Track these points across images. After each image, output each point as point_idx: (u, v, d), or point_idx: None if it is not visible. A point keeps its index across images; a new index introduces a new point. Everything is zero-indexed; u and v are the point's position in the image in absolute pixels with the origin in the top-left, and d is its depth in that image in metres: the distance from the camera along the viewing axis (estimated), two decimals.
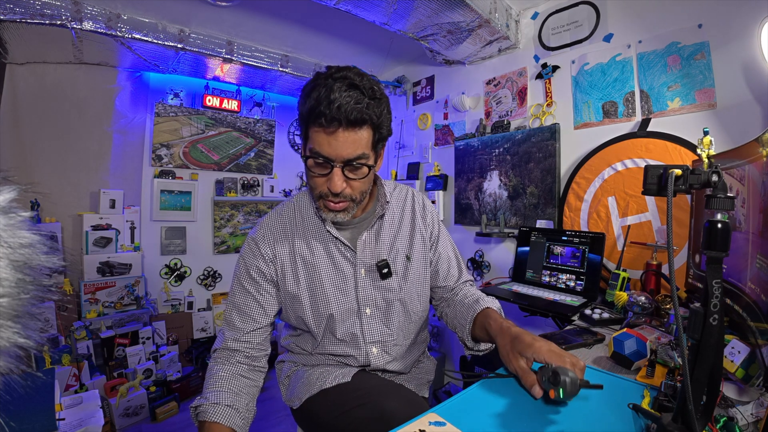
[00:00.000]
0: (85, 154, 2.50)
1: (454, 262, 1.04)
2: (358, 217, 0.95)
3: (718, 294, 0.49)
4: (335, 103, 0.73)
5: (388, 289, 0.95)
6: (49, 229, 2.26)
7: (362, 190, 0.86)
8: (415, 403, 0.81)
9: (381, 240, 0.96)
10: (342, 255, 0.94)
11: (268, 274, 0.93)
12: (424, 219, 1.03)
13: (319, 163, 0.80)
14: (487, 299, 0.92)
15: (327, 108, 0.73)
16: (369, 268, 0.94)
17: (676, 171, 0.55)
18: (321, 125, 0.75)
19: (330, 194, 0.82)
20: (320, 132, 0.77)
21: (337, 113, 0.73)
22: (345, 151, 0.77)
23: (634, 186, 1.62)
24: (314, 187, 0.85)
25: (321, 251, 0.93)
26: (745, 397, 0.65)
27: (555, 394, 0.59)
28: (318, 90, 0.75)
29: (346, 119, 0.74)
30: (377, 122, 0.80)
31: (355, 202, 0.86)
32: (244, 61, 2.49)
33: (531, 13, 2.04)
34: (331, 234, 0.93)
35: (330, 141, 0.76)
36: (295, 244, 0.94)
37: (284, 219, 0.97)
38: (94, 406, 1.38)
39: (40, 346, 0.30)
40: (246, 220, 3.16)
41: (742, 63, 1.34)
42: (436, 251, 1.03)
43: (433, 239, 1.04)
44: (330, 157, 0.78)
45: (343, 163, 0.79)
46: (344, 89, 0.74)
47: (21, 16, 1.79)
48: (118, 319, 2.42)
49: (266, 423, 2.14)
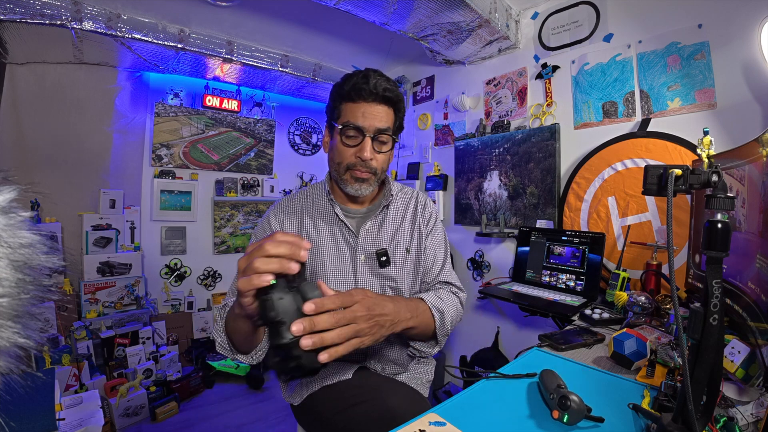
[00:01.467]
0: (85, 154, 2.50)
1: (439, 259, 1.05)
2: (365, 208, 1.03)
3: (718, 294, 0.49)
4: (372, 81, 0.89)
5: (386, 277, 0.99)
6: (49, 229, 2.26)
7: (383, 167, 0.97)
8: (416, 400, 0.81)
9: (383, 230, 1.01)
10: (344, 239, 0.99)
11: None
12: (423, 216, 1.07)
13: (350, 135, 0.91)
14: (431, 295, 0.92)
15: (366, 84, 0.89)
16: (369, 255, 0.98)
17: (676, 171, 0.55)
18: (361, 98, 0.90)
19: (359, 162, 0.92)
20: (358, 105, 0.90)
21: (374, 88, 0.89)
22: (377, 121, 0.90)
23: (634, 186, 1.62)
24: (343, 160, 0.94)
25: (326, 232, 0.99)
26: (745, 397, 0.65)
27: (559, 416, 0.60)
28: (356, 76, 0.90)
29: (381, 95, 0.89)
30: (398, 106, 0.94)
31: (376, 176, 0.96)
32: (244, 61, 2.49)
33: (531, 13, 2.04)
34: (338, 217, 0.99)
35: (365, 113, 0.90)
36: (304, 222, 1.01)
37: (295, 201, 1.05)
38: (94, 406, 1.38)
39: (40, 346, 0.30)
40: (246, 220, 3.16)
41: (742, 63, 1.34)
42: (423, 245, 1.05)
43: (425, 235, 1.06)
44: (364, 126, 0.90)
45: (374, 133, 0.90)
46: (378, 75, 0.90)
47: (21, 16, 1.79)
48: (118, 319, 2.42)
49: (266, 423, 2.14)
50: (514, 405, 0.67)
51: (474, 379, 0.77)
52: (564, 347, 0.94)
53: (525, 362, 0.87)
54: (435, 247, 1.05)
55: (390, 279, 0.99)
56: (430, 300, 0.89)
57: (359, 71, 0.92)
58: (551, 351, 0.94)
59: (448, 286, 1.02)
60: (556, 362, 0.87)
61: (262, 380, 2.56)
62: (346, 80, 0.92)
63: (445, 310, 0.90)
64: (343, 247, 0.99)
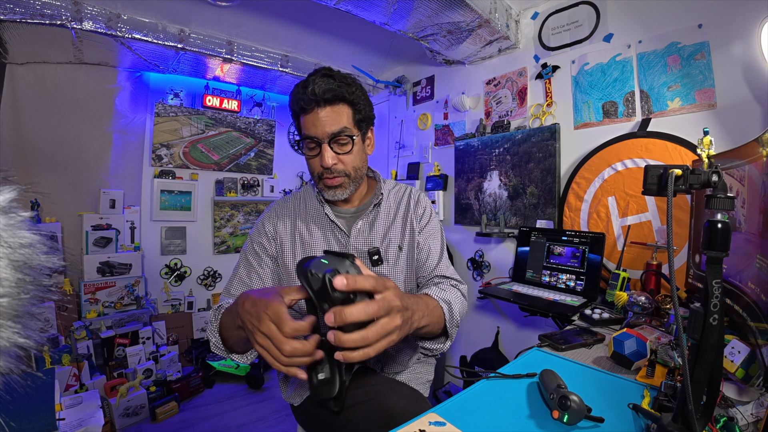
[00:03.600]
0: (85, 154, 2.50)
1: (434, 253, 1.02)
2: (355, 207, 1.03)
3: (718, 294, 0.49)
4: (310, 87, 0.85)
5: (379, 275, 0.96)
6: (49, 229, 2.26)
7: (354, 166, 0.94)
8: (416, 400, 0.81)
9: (375, 229, 1.01)
10: (336, 239, 0.99)
11: (269, 249, 1.00)
12: (415, 212, 1.05)
13: (311, 147, 0.91)
14: (433, 289, 0.88)
15: (304, 94, 0.86)
16: (361, 254, 0.98)
17: (676, 171, 0.55)
18: (303, 110, 0.88)
19: (325, 171, 0.91)
20: (305, 116, 0.89)
21: (312, 95, 0.85)
22: (327, 126, 0.87)
23: (634, 186, 1.61)
24: (312, 171, 0.94)
25: (318, 234, 1.00)
26: (745, 397, 0.65)
27: (559, 416, 0.60)
28: (298, 87, 0.88)
29: (321, 98, 0.85)
30: (351, 99, 0.89)
31: (350, 179, 0.94)
32: (244, 61, 2.49)
33: (531, 13, 2.04)
34: (328, 218, 0.99)
35: (313, 121, 0.88)
36: (296, 225, 1.01)
37: (289, 204, 1.06)
38: (94, 406, 1.38)
39: (40, 346, 0.30)
40: (246, 220, 3.16)
41: (742, 63, 1.34)
42: (416, 240, 1.03)
43: (419, 230, 1.04)
44: (316, 135, 0.88)
45: (329, 138, 0.88)
46: (317, 79, 0.86)
47: (21, 16, 1.79)
48: (118, 319, 2.42)
49: (266, 423, 2.14)
50: (514, 405, 0.67)
51: (474, 379, 0.77)
52: (564, 347, 0.94)
53: (525, 362, 0.87)
54: (429, 240, 1.03)
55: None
56: (435, 293, 0.86)
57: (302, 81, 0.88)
58: (551, 351, 0.94)
59: (446, 280, 0.99)
60: (556, 362, 0.87)
61: (262, 380, 2.56)
62: (293, 95, 0.90)
63: (451, 300, 0.87)
64: (335, 248, 0.98)
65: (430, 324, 0.79)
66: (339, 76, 0.88)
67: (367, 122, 0.96)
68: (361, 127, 0.94)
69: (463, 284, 1.02)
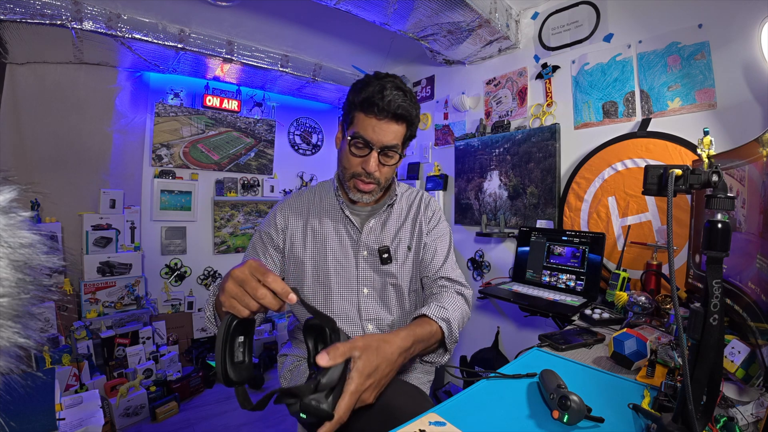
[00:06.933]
0: (85, 154, 2.50)
1: (440, 254, 1.04)
2: (370, 207, 1.05)
3: (718, 294, 0.49)
4: (387, 98, 0.87)
5: (387, 273, 1.01)
6: (49, 229, 2.25)
7: (387, 177, 0.98)
8: (418, 397, 0.81)
9: (386, 229, 1.04)
10: (348, 235, 1.02)
11: (276, 240, 1.03)
12: (425, 215, 1.09)
13: (359, 146, 0.92)
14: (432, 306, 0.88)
15: (380, 100, 0.87)
16: (371, 251, 1.01)
17: (676, 171, 0.55)
18: (373, 113, 0.89)
19: (363, 174, 0.94)
20: (369, 119, 0.90)
21: (387, 106, 0.87)
22: (386, 138, 0.90)
23: (634, 186, 1.61)
24: (349, 167, 0.96)
25: (331, 228, 1.03)
26: (745, 397, 0.65)
27: (559, 416, 0.60)
28: (372, 86, 0.89)
29: (393, 113, 0.88)
30: (412, 121, 0.93)
31: (379, 186, 0.98)
32: (244, 61, 2.49)
33: (531, 13, 2.04)
34: (344, 213, 1.02)
35: (375, 128, 0.90)
36: (309, 219, 1.04)
37: (303, 198, 1.08)
38: (94, 405, 1.38)
39: (41, 346, 0.30)
40: (246, 220, 3.16)
41: (742, 63, 1.34)
42: (423, 241, 1.05)
43: (427, 231, 1.07)
44: (372, 141, 0.90)
45: (381, 149, 0.91)
46: (394, 89, 0.88)
47: (21, 16, 1.79)
48: (118, 319, 2.42)
49: (266, 423, 2.14)
50: (514, 405, 0.67)
51: (474, 379, 0.77)
52: (564, 347, 0.94)
53: (525, 362, 0.87)
54: (435, 241, 1.05)
55: (391, 276, 1.01)
56: (434, 313, 0.86)
57: (377, 80, 0.89)
58: (551, 351, 0.94)
59: (451, 283, 1.00)
60: (556, 362, 0.87)
61: (262, 380, 2.56)
62: (362, 88, 0.90)
63: (450, 317, 0.86)
64: (346, 243, 1.01)
65: (426, 348, 0.81)
66: (410, 94, 0.91)
67: (410, 141, 1.00)
68: (405, 144, 0.98)
69: (469, 289, 1.02)
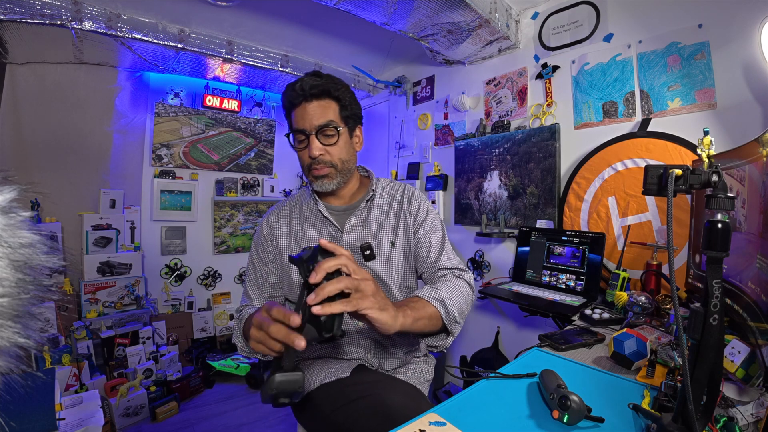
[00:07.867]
0: (85, 154, 2.50)
1: (435, 247, 1.02)
2: (346, 204, 1.06)
3: (718, 294, 0.49)
4: (299, 83, 0.93)
5: (371, 270, 1.00)
6: (49, 229, 2.25)
7: (341, 158, 0.98)
8: (415, 396, 0.81)
9: (367, 225, 1.04)
10: (330, 235, 1.03)
11: (268, 251, 1.06)
12: (409, 208, 1.06)
13: (300, 139, 0.96)
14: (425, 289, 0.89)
15: (292, 90, 0.93)
16: (353, 249, 1.01)
17: (676, 171, 0.55)
18: (293, 105, 0.95)
19: (313, 162, 0.96)
20: (295, 111, 0.95)
21: (300, 90, 0.92)
22: (314, 118, 0.93)
23: (634, 186, 1.61)
24: (303, 164, 0.99)
25: (313, 231, 1.05)
26: (745, 397, 0.65)
27: (559, 416, 0.60)
28: (287, 86, 0.96)
29: (309, 93, 0.93)
30: (337, 95, 0.95)
31: (336, 170, 0.98)
32: (244, 61, 2.48)
33: (531, 13, 2.04)
34: (322, 214, 1.03)
35: (302, 114, 0.94)
36: (292, 225, 1.07)
37: (285, 206, 1.11)
38: (94, 405, 1.38)
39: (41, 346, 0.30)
40: (246, 220, 3.16)
41: (742, 63, 1.34)
42: (416, 237, 1.04)
43: (416, 226, 1.05)
44: (303, 128, 0.94)
45: (315, 130, 0.94)
46: (306, 77, 0.94)
47: (21, 16, 1.78)
48: (118, 319, 2.42)
49: (266, 422, 2.14)
50: (514, 405, 0.67)
51: (474, 379, 0.77)
52: (564, 347, 0.94)
53: (525, 362, 0.87)
54: (428, 235, 1.03)
55: (375, 273, 1.00)
56: (425, 293, 0.86)
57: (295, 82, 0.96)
58: (551, 351, 0.94)
59: (450, 272, 0.99)
60: (556, 362, 0.87)
61: (262, 380, 2.56)
62: (284, 92, 0.97)
63: (444, 297, 0.86)
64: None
65: (422, 318, 0.80)
66: (326, 76, 0.95)
67: (355, 120, 1.01)
68: (347, 123, 0.99)
69: (468, 273, 1.01)
